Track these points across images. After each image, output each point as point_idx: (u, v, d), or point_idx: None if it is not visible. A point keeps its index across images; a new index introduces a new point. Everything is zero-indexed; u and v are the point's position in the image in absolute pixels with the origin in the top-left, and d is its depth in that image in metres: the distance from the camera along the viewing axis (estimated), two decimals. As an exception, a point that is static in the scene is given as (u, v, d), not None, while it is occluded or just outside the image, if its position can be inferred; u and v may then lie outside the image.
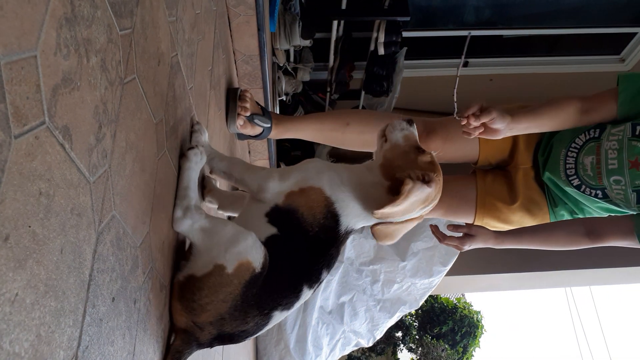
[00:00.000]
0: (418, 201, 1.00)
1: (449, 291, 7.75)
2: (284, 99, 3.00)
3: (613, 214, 1.47)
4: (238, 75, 2.03)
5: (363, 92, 3.23)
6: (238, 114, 1.64)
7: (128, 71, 0.69)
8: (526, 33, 3.59)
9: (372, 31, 2.93)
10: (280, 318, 0.98)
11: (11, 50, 0.41)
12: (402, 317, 5.06)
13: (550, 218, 1.58)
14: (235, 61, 1.95)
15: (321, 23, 2.90)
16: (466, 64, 3.64)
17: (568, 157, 1.46)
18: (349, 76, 3.19)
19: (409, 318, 8.03)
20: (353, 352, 6.99)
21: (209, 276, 0.89)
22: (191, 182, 0.99)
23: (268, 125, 1.69)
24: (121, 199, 0.66)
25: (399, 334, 8.09)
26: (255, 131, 1.71)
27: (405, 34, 3.02)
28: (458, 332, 7.61)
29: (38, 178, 0.45)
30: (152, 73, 0.81)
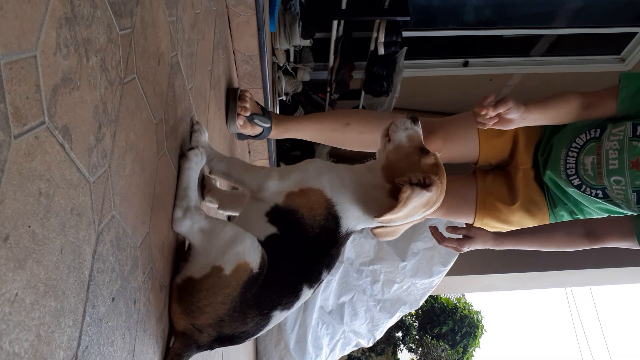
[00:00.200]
0: (418, 206, 0.99)
1: (449, 291, 7.75)
2: (284, 99, 3.00)
3: (613, 215, 1.47)
4: (238, 75, 2.03)
5: (363, 92, 3.23)
6: (238, 114, 1.64)
7: (128, 71, 0.69)
8: (526, 33, 3.59)
9: (372, 31, 2.93)
10: (280, 318, 0.98)
11: (11, 50, 0.40)
12: (402, 317, 5.06)
13: (550, 218, 1.59)
14: (235, 61, 1.95)
15: (321, 23, 2.90)
16: (466, 64, 3.64)
17: (569, 157, 1.46)
18: (349, 76, 3.18)
19: (409, 318, 8.03)
20: (353, 352, 6.98)
21: (207, 278, 0.88)
22: (191, 183, 0.99)
23: (268, 125, 1.69)
24: (121, 199, 0.66)
25: (399, 334, 8.08)
26: (255, 131, 1.71)
27: (405, 34, 3.02)
28: (458, 332, 7.60)
29: (38, 178, 0.45)
30: (152, 73, 0.81)
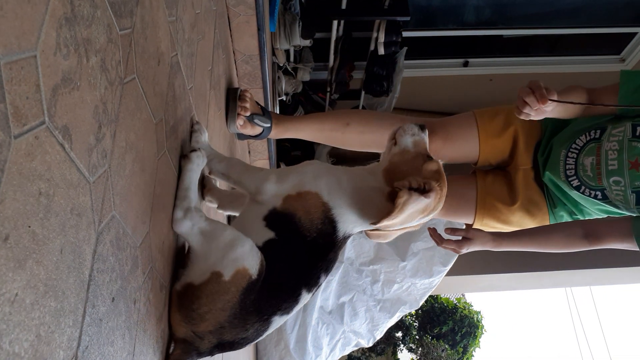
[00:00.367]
0: (416, 212, 0.98)
1: (449, 291, 7.75)
2: (284, 99, 3.00)
3: (612, 216, 1.47)
4: (238, 75, 2.03)
5: (363, 92, 3.23)
6: (238, 114, 1.64)
7: (128, 71, 0.69)
8: (526, 33, 3.59)
9: (372, 31, 2.93)
10: (280, 323, 0.98)
11: (11, 50, 0.40)
12: (402, 317, 5.06)
13: (549, 219, 1.59)
14: (235, 61, 1.95)
15: (321, 23, 2.90)
16: (466, 64, 3.64)
17: (568, 158, 1.46)
18: (349, 76, 3.18)
19: (409, 318, 8.03)
20: (353, 352, 6.97)
21: (207, 284, 0.88)
22: (192, 184, 0.99)
23: (268, 125, 1.69)
24: (121, 199, 0.66)
25: (399, 334, 8.08)
26: (255, 131, 1.70)
27: (405, 34, 3.02)
28: (458, 332, 7.60)
29: (38, 178, 0.45)
30: (152, 73, 0.81)
